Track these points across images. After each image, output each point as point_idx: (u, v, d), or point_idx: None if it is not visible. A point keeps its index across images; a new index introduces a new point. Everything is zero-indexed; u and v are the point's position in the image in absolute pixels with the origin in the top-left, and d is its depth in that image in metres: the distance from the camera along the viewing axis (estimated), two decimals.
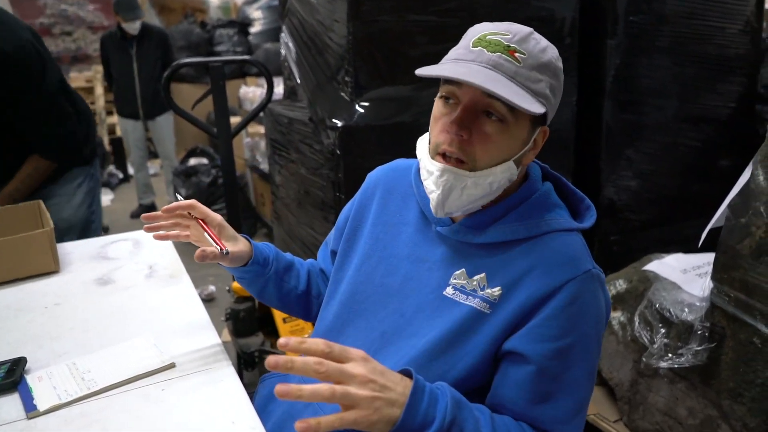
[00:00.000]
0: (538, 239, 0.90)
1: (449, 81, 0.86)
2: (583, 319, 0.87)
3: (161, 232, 1.06)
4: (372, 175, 1.13)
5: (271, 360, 0.69)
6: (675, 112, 2.34)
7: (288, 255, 1.17)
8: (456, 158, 0.87)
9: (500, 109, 0.84)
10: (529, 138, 0.89)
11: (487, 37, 0.86)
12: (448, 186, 0.87)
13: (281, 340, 0.71)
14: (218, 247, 1.00)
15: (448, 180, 0.87)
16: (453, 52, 0.89)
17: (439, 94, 0.90)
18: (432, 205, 0.91)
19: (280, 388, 0.68)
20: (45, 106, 1.81)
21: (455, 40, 0.92)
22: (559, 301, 0.85)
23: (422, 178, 0.93)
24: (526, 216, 0.92)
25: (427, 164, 0.90)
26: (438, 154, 0.88)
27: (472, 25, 0.91)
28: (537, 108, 0.83)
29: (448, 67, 0.85)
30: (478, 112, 0.85)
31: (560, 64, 0.89)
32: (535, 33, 0.88)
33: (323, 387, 0.71)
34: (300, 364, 0.70)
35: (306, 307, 1.18)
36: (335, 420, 0.70)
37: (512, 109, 0.83)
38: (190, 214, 1.06)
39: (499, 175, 0.87)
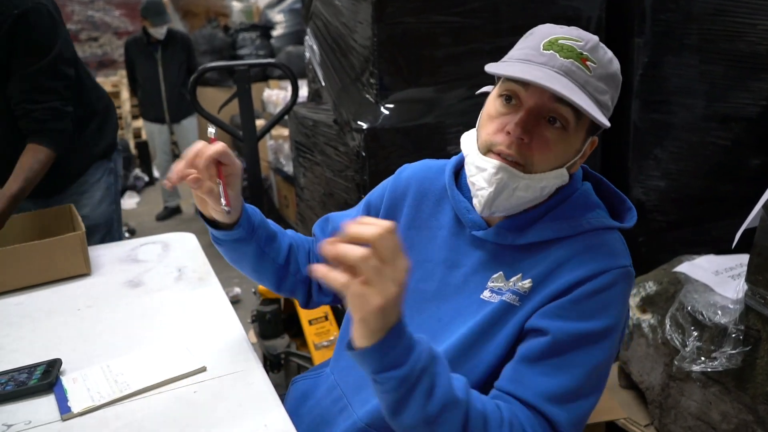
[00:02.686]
0: (578, 237, 0.89)
1: (513, 80, 0.84)
2: (611, 310, 0.85)
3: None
4: (402, 174, 1.09)
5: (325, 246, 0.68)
6: (704, 110, 2.30)
7: (272, 223, 1.11)
8: (513, 160, 0.85)
9: (566, 116, 0.83)
10: (582, 147, 0.89)
11: (559, 41, 0.84)
12: (502, 184, 0.85)
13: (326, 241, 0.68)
14: (223, 200, 0.92)
15: (503, 178, 0.85)
16: (520, 51, 0.87)
17: (497, 92, 0.88)
18: (478, 201, 0.88)
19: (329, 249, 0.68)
20: (48, 78, 1.67)
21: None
22: (591, 286, 0.84)
23: (469, 174, 0.90)
24: (566, 215, 0.90)
25: (478, 160, 0.88)
26: (493, 153, 0.86)
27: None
28: (604, 119, 0.83)
29: (521, 67, 0.83)
30: (540, 118, 0.84)
31: (619, 76, 0.89)
32: (601, 42, 0.87)
33: (357, 249, 0.66)
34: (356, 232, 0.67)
35: (279, 281, 1.11)
36: (342, 279, 0.67)
37: (577, 118, 0.83)
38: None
39: (552, 181, 0.87)
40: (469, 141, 0.93)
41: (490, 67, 0.84)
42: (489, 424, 0.78)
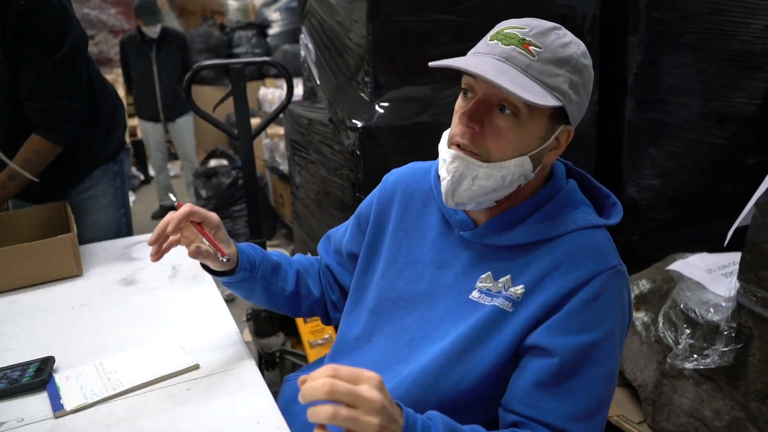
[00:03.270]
0: (564, 237, 0.89)
1: (469, 74, 0.86)
2: (608, 315, 0.86)
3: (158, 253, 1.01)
4: (388, 179, 1.11)
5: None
6: (699, 109, 2.30)
7: (275, 255, 1.14)
8: (469, 150, 0.87)
9: (515, 102, 0.83)
10: (548, 135, 0.88)
11: (505, 31, 0.86)
12: (459, 173, 0.87)
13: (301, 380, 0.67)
14: (219, 254, 0.99)
15: (459, 167, 0.87)
16: (474, 48, 0.90)
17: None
18: (443, 192, 0.90)
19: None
20: (57, 78, 1.61)
21: (476, 39, 0.91)
22: (584, 294, 0.84)
23: (438, 168, 0.92)
24: (552, 215, 0.91)
25: (442, 152, 0.91)
26: (453, 144, 0.89)
27: (492, 24, 0.91)
28: (548, 101, 0.82)
29: (460, 59, 0.85)
30: (491, 106, 0.85)
31: (586, 62, 0.88)
32: (562, 29, 0.87)
33: (325, 407, 0.64)
34: (307, 391, 0.65)
35: (295, 307, 1.16)
36: (328, 411, 0.64)
37: (527, 104, 0.83)
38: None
39: (513, 169, 0.86)
40: (444, 138, 0.95)
41: (433, 63, 0.86)
42: None
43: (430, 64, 0.86)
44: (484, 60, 0.84)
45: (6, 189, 1.62)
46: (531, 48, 0.83)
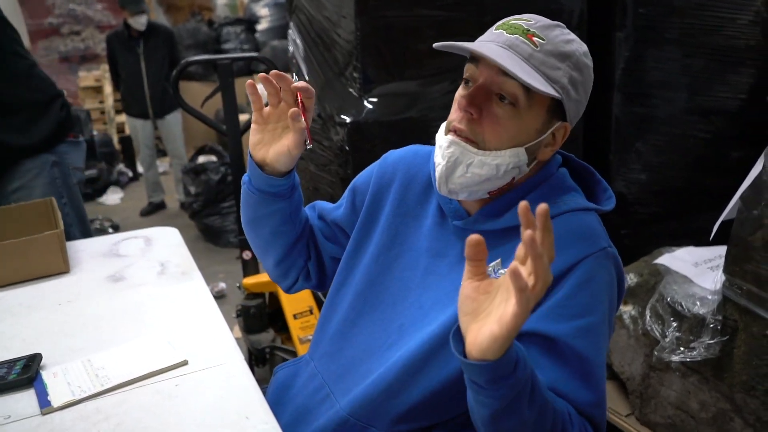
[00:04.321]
0: (556, 219, 0.89)
1: (471, 62, 0.87)
2: (602, 297, 0.86)
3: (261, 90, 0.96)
4: (388, 159, 1.10)
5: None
6: (685, 104, 2.32)
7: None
8: (465, 136, 0.87)
9: (513, 91, 0.84)
10: (545, 129, 0.89)
11: (510, 22, 0.87)
12: (453, 159, 0.87)
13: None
14: (307, 139, 0.95)
15: (454, 153, 0.87)
16: (480, 38, 0.91)
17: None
18: (436, 178, 0.91)
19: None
20: None
21: (464, 34, 0.92)
22: (575, 278, 0.85)
23: (434, 155, 0.93)
24: (543, 198, 0.91)
25: (439, 139, 0.91)
26: (450, 130, 0.89)
27: (480, 18, 0.92)
28: (548, 89, 0.83)
29: (464, 42, 0.86)
30: (491, 93, 0.86)
31: (588, 62, 0.89)
32: (564, 28, 0.89)
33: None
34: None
35: (285, 254, 1.10)
36: (531, 281, 0.64)
37: (526, 94, 0.84)
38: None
39: (507, 159, 0.87)
40: (441, 128, 0.95)
41: (438, 45, 0.87)
42: (566, 424, 0.79)
43: (435, 45, 0.87)
44: (488, 46, 0.85)
45: None
46: (534, 39, 0.85)
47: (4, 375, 1.00)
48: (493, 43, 0.86)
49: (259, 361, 2.27)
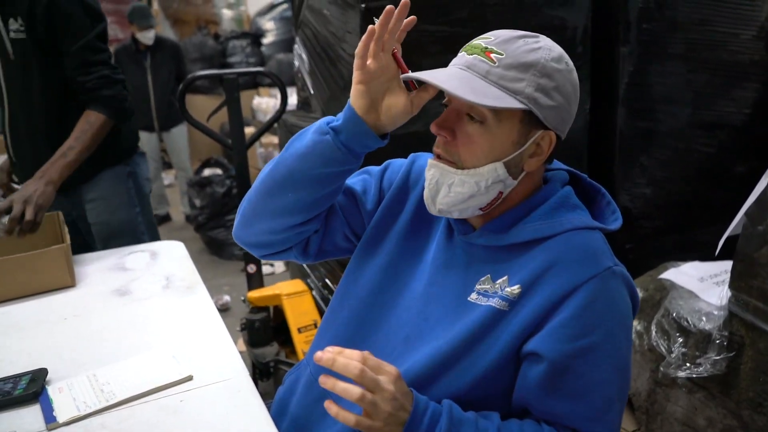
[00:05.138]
0: (559, 237, 0.89)
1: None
2: (607, 316, 0.86)
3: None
4: (417, 163, 1.09)
5: (317, 354, 0.79)
6: (689, 118, 2.33)
7: None
8: (444, 158, 0.90)
9: (479, 109, 0.86)
10: (523, 140, 0.88)
11: (472, 43, 0.89)
12: (435, 181, 0.90)
13: (318, 354, 0.79)
14: (410, 86, 0.92)
15: (435, 175, 0.90)
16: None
17: None
18: (425, 200, 0.93)
19: (321, 355, 0.79)
20: (93, 52, 1.78)
21: None
22: (579, 299, 0.84)
23: None
24: (547, 215, 0.92)
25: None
26: (434, 155, 0.93)
27: (481, 34, 0.92)
28: (505, 103, 0.84)
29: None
30: (462, 114, 0.88)
31: (558, 66, 0.87)
32: (535, 37, 0.88)
33: (356, 389, 0.78)
34: (341, 364, 0.79)
35: (306, 223, 1.02)
36: (352, 418, 0.79)
37: (492, 110, 0.85)
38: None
39: (486, 175, 0.87)
40: None
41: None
42: None
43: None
44: (448, 71, 0.89)
45: (67, 157, 1.71)
46: (492, 55, 0.86)
47: (10, 390, 1.00)
48: (453, 66, 0.89)
49: (263, 374, 2.27)
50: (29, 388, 1.00)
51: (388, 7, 0.88)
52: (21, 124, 1.85)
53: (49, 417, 0.95)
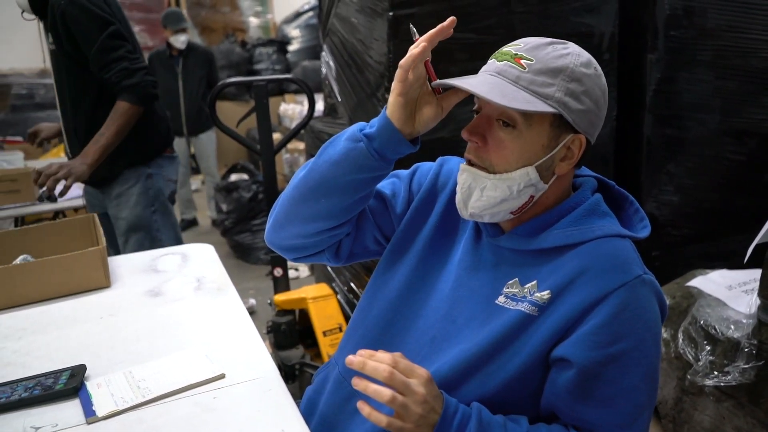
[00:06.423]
0: (590, 244, 0.90)
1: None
2: (637, 324, 0.86)
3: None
4: (445, 167, 1.10)
5: (349, 357, 0.83)
6: (717, 126, 2.31)
7: None
8: (476, 164, 0.92)
9: (510, 114, 0.87)
10: (553, 144, 0.89)
11: (502, 50, 0.91)
12: (467, 185, 0.92)
13: (350, 358, 0.83)
14: (436, 93, 0.93)
15: (467, 179, 0.92)
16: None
17: None
18: (457, 204, 0.95)
19: (352, 359, 0.83)
20: (108, 51, 1.99)
21: None
22: (609, 307, 0.85)
23: None
24: (578, 222, 0.92)
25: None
26: (466, 161, 0.95)
27: (510, 41, 0.93)
28: (535, 107, 0.85)
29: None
30: (492, 120, 0.90)
31: (587, 70, 0.89)
32: (564, 44, 0.90)
33: (387, 391, 0.81)
34: (371, 367, 0.82)
35: (340, 226, 1.02)
36: (384, 419, 0.82)
37: (523, 114, 0.87)
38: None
39: (518, 179, 0.89)
40: None
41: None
42: None
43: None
44: (479, 77, 0.90)
45: (99, 142, 1.99)
46: (522, 61, 0.88)
47: (51, 384, 1.04)
48: (484, 73, 0.91)
49: (289, 377, 2.30)
50: (69, 383, 1.04)
51: (448, 21, 0.90)
52: (69, 124, 2.14)
53: (88, 411, 0.98)
